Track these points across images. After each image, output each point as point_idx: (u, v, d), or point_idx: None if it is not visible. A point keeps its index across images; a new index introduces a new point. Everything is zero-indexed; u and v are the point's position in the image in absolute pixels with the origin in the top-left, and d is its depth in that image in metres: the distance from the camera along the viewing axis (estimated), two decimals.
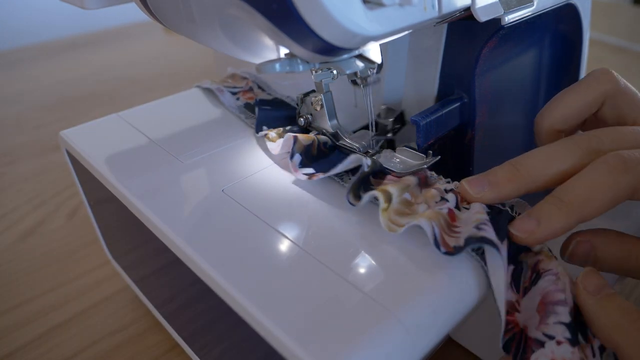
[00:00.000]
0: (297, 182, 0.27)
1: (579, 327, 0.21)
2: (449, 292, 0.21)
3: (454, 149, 0.32)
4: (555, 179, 0.23)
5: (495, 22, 0.27)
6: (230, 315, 0.21)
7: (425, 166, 0.27)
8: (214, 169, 0.29)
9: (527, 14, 0.29)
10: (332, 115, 0.30)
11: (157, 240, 0.25)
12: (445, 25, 0.29)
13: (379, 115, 0.33)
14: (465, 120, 0.30)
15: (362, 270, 0.21)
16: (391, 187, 0.24)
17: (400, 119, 0.33)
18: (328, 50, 0.21)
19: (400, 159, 0.28)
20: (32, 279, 0.40)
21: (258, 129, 0.31)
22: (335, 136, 0.30)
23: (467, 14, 0.25)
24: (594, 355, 0.20)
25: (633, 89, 0.27)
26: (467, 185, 0.24)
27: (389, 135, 0.32)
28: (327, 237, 0.23)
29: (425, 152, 0.28)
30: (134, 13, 0.36)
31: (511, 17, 0.28)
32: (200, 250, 0.23)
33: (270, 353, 0.19)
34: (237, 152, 0.30)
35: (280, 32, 0.21)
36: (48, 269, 0.41)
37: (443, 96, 0.31)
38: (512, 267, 0.22)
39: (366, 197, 0.24)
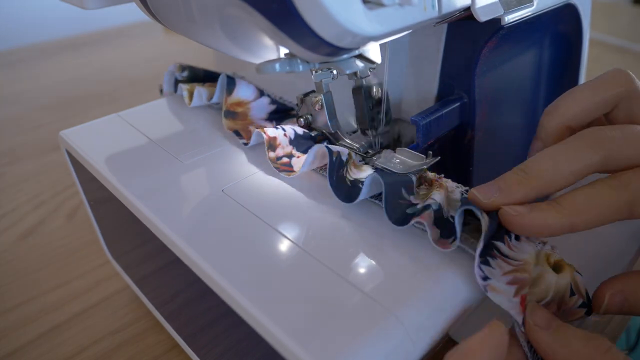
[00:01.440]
0: (297, 183, 0.27)
1: None
2: (449, 292, 0.21)
3: (454, 149, 0.32)
4: (567, 181, 0.22)
5: (495, 22, 0.27)
6: (230, 315, 0.21)
7: (425, 167, 0.27)
8: (214, 169, 0.29)
9: (527, 14, 0.29)
10: (332, 115, 0.30)
11: (157, 240, 0.25)
12: (445, 25, 0.29)
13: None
14: (465, 120, 0.30)
15: (362, 270, 0.21)
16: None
17: None
18: (328, 50, 0.21)
19: (400, 159, 0.28)
20: (32, 279, 0.40)
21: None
22: (335, 136, 0.30)
23: (467, 14, 0.25)
24: None
25: None
26: (477, 192, 0.23)
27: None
28: (327, 237, 0.23)
29: (425, 153, 0.28)
30: (134, 13, 0.36)
31: (511, 17, 0.28)
32: (200, 250, 0.23)
33: (270, 353, 0.19)
34: (237, 152, 0.30)
35: (280, 32, 0.21)
36: (48, 269, 0.41)
37: (443, 96, 0.31)
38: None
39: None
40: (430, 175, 0.26)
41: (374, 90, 0.29)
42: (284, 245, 0.23)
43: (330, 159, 0.26)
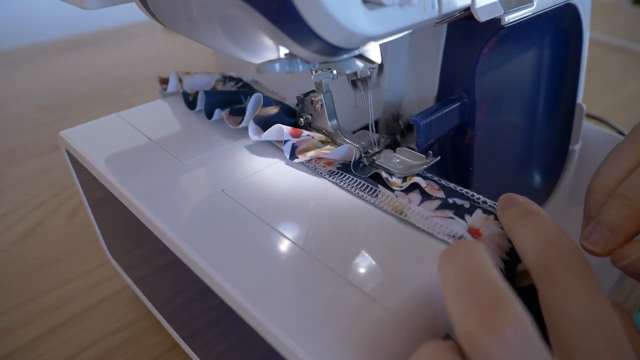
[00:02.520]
0: (297, 182, 0.27)
1: None
2: None
3: (454, 149, 0.32)
4: None
5: (495, 22, 0.27)
6: (230, 315, 0.21)
7: (425, 166, 0.27)
8: (214, 169, 0.29)
9: (527, 14, 0.29)
10: (332, 115, 0.30)
11: (157, 240, 0.25)
12: (445, 25, 0.29)
13: (390, 118, 0.33)
14: (465, 120, 0.30)
15: (362, 270, 0.21)
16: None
17: (410, 126, 0.33)
18: (328, 50, 0.21)
19: (400, 159, 0.28)
20: (32, 279, 0.40)
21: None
22: (335, 136, 0.30)
23: (467, 14, 0.25)
24: None
25: None
26: (589, 244, 0.22)
27: (397, 136, 0.32)
28: (327, 237, 0.23)
29: (425, 153, 0.28)
30: (134, 13, 0.36)
31: (511, 17, 0.28)
32: (200, 250, 0.23)
33: (270, 353, 0.19)
34: (237, 152, 0.30)
35: (280, 32, 0.21)
36: (48, 269, 0.41)
37: (443, 96, 0.31)
38: None
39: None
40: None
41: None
42: (284, 245, 0.23)
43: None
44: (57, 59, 0.85)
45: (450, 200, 0.25)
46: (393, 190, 0.26)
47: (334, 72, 0.27)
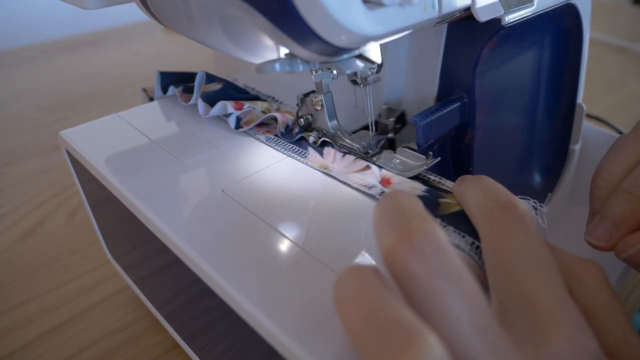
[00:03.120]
0: (297, 182, 0.27)
1: None
2: None
3: (454, 149, 0.32)
4: None
5: (495, 22, 0.27)
6: (230, 315, 0.21)
7: (425, 167, 0.27)
8: (214, 169, 0.29)
9: (527, 14, 0.29)
10: (332, 115, 0.30)
11: (157, 240, 0.25)
12: (445, 25, 0.29)
13: (380, 115, 0.33)
14: (465, 120, 0.30)
15: None
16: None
17: (401, 118, 0.33)
18: (328, 50, 0.21)
19: (400, 159, 0.28)
20: (32, 279, 0.40)
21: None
22: (335, 136, 0.30)
23: (467, 14, 0.25)
24: None
25: None
26: (593, 239, 0.22)
27: (390, 135, 0.32)
28: (327, 237, 0.23)
29: (425, 153, 0.28)
30: (134, 13, 0.36)
31: (511, 17, 0.28)
32: (200, 250, 0.23)
33: (270, 353, 0.19)
34: (237, 152, 0.30)
35: (281, 32, 0.21)
36: (48, 269, 0.41)
37: (443, 96, 0.31)
38: None
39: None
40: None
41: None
42: (284, 245, 0.23)
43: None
44: (57, 59, 0.85)
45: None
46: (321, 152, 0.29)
47: (334, 72, 0.27)
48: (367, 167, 0.27)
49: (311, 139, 0.30)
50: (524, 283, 0.17)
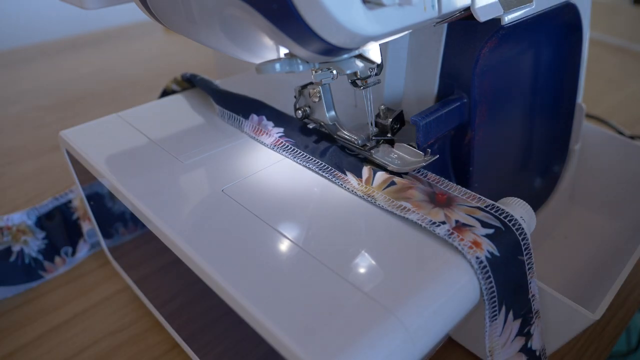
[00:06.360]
0: (297, 182, 0.27)
1: None
2: (449, 292, 0.21)
3: (453, 149, 0.32)
4: None
5: (495, 22, 0.27)
6: (230, 315, 0.21)
7: (423, 164, 0.27)
8: (214, 169, 0.29)
9: (527, 14, 0.29)
10: (330, 106, 0.30)
11: (157, 240, 0.25)
12: (445, 25, 0.29)
13: (378, 115, 0.33)
14: (465, 120, 0.30)
15: (362, 270, 0.21)
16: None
17: (400, 118, 0.33)
18: (328, 50, 0.21)
19: (398, 154, 0.28)
20: None
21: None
22: (332, 128, 0.30)
23: (467, 14, 0.25)
24: None
25: None
26: None
27: (389, 135, 0.32)
28: (327, 237, 0.23)
29: (424, 150, 0.28)
30: (134, 13, 0.36)
31: (511, 17, 0.28)
32: (200, 250, 0.23)
33: (270, 353, 0.19)
34: (237, 152, 0.30)
35: (281, 32, 0.21)
36: None
37: (443, 96, 0.31)
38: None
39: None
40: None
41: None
42: (284, 245, 0.23)
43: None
44: (57, 59, 0.85)
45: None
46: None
47: (334, 72, 0.27)
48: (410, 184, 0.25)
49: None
50: None
